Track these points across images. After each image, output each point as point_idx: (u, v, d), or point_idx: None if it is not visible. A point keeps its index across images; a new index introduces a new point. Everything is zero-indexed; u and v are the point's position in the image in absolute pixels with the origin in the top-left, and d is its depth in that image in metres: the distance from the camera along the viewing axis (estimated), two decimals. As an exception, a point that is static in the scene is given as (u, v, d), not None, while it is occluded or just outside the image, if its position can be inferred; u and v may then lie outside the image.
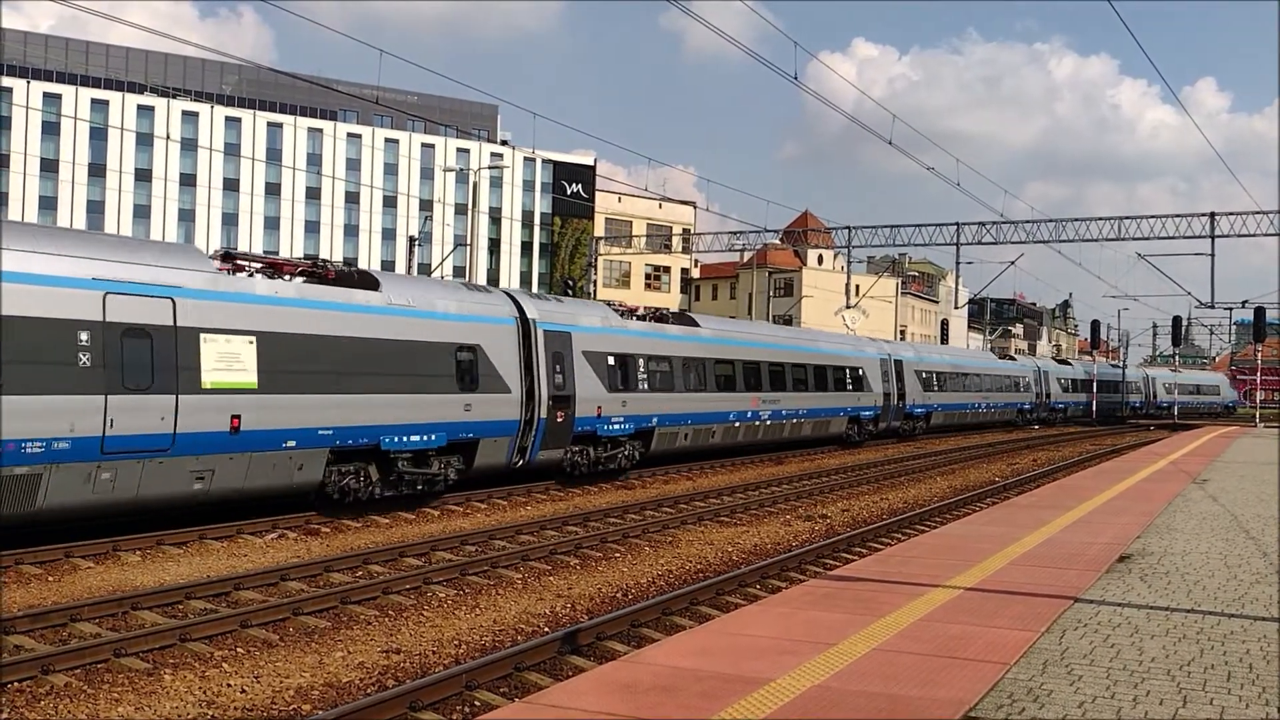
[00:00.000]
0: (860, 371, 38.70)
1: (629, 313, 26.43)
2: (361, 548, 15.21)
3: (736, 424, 29.60)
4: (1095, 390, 70.33)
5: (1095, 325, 69.88)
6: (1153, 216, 43.91)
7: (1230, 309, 69.92)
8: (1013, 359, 63.08)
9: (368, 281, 18.64)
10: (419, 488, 18.83)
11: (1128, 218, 44.32)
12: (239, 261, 16.87)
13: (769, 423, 31.56)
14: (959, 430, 50.77)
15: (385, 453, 18.05)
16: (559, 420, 22.16)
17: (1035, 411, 60.94)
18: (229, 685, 8.80)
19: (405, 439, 18.23)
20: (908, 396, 43.49)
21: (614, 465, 24.16)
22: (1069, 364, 71.53)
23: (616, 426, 24.16)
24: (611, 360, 24.04)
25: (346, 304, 17.52)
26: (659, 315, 28.18)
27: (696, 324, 29.02)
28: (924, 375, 45.21)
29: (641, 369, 25.12)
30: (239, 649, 9.95)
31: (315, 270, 18.06)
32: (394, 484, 18.34)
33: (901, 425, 43.53)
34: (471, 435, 19.81)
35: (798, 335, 37.98)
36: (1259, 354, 70.51)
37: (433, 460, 19.00)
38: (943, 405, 47.48)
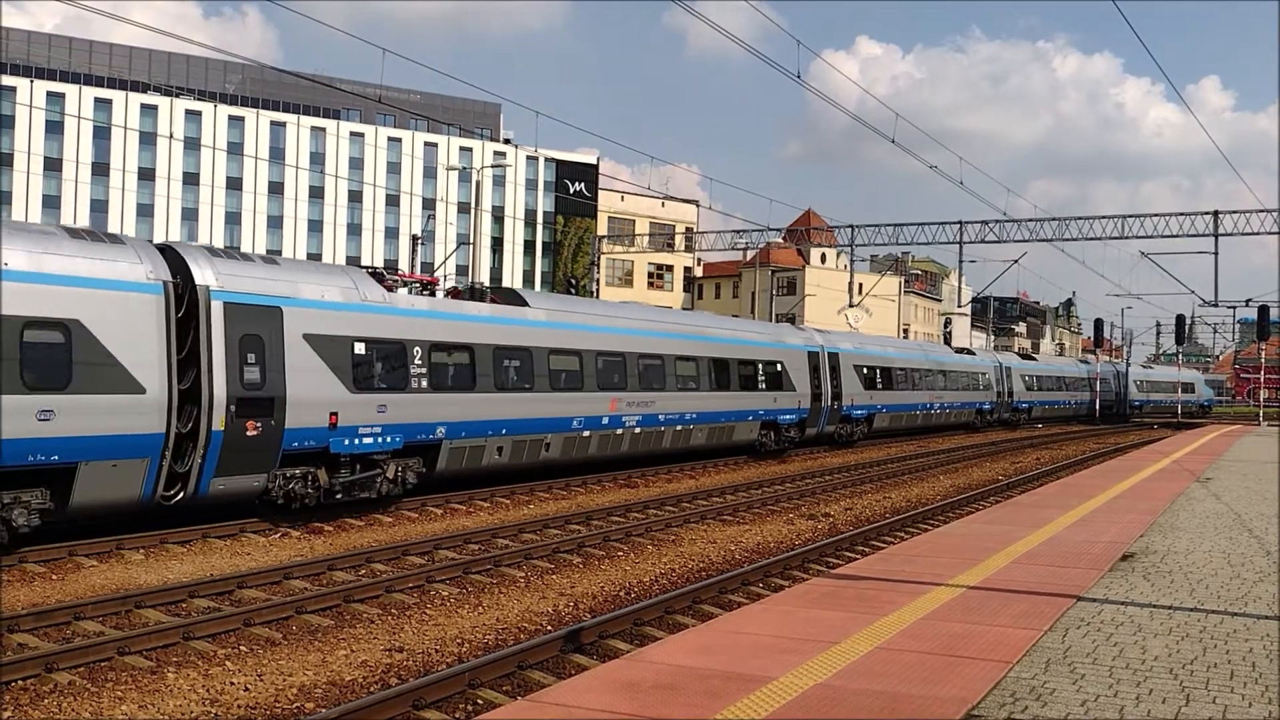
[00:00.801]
0: (779, 366, 32.38)
1: (404, 284, 20.38)
2: (364, 546, 15.22)
3: (585, 433, 23.57)
4: (1066, 388, 66.31)
5: (1099, 324, 69.94)
6: (1156, 215, 43.82)
7: (1234, 307, 69.84)
8: (970, 352, 55.11)
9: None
10: None
11: (1131, 216, 44.26)
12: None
13: (638, 431, 25.34)
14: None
15: None
16: (250, 433, 16.14)
17: (996, 412, 54.38)
18: (232, 683, 8.82)
19: None
20: (845, 396, 37.05)
21: (368, 493, 18.20)
22: (1033, 359, 65.32)
23: (368, 440, 18.10)
24: (360, 349, 18.08)
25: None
26: (458, 291, 22.33)
27: (525, 303, 22.97)
28: (865, 371, 38.86)
29: (417, 360, 19.20)
30: (242, 647, 9.96)
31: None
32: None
33: (837, 430, 37.04)
34: (56, 459, 13.64)
35: (686, 321, 30.84)
36: (1263, 352, 70.43)
37: None
38: (888, 406, 41.05)
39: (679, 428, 27.09)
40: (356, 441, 17.86)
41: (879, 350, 41.95)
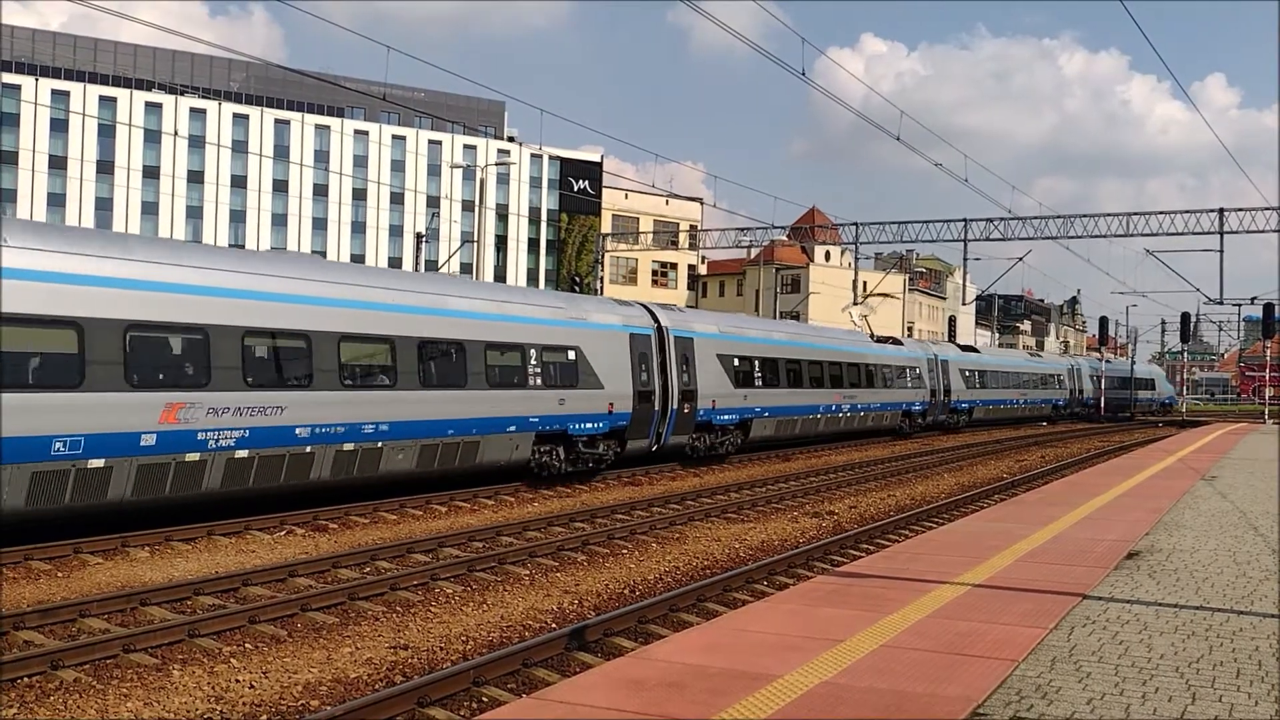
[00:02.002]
0: (570, 354, 23.02)
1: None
2: (369, 544, 15.23)
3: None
4: (1017, 385, 58.45)
5: (1103, 322, 69.76)
6: (1161, 212, 43.77)
7: (1239, 305, 69.84)
8: (897, 342, 45.58)
9: None
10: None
11: (1136, 214, 44.22)
12: None
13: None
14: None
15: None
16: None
17: (930, 413, 45.99)
18: (237, 681, 8.82)
19: None
20: (702, 396, 27.54)
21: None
22: (975, 350, 56.04)
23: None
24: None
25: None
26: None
27: None
28: (736, 363, 29.77)
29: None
30: (247, 645, 9.97)
31: None
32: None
33: (689, 443, 27.49)
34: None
35: (365, 280, 19.18)
36: (1268, 350, 70.25)
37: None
38: (772, 410, 31.67)
39: (305, 449, 16.85)
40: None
41: (758, 337, 32.21)
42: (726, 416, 29.00)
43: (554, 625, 10.88)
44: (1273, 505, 16.28)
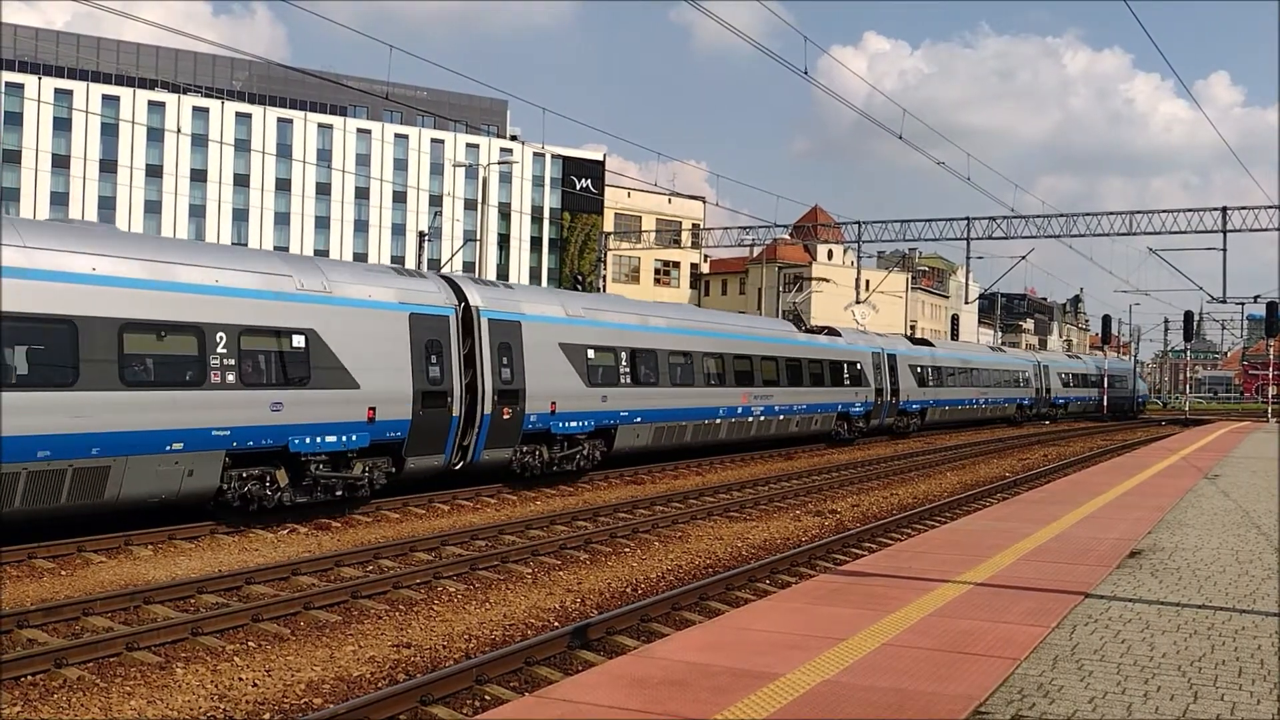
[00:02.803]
0: (299, 341, 16.74)
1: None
2: (372, 542, 15.25)
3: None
4: (979, 384, 51.78)
5: (1106, 320, 69.69)
6: (1165, 211, 43.71)
7: (1242, 304, 69.58)
8: (834, 333, 38.24)
9: None
10: None
11: (1139, 212, 44.15)
12: None
13: None
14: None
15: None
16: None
17: (875, 416, 39.32)
18: (240, 679, 8.84)
19: None
20: (532, 397, 21.42)
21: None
22: (929, 344, 49.05)
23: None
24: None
25: None
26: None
27: None
28: (591, 355, 23.41)
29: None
30: (250, 643, 9.99)
31: None
32: None
33: (519, 458, 21.26)
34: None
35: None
36: (1271, 349, 70.17)
37: None
38: (651, 414, 25.31)
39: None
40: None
41: (628, 323, 25.14)
42: (574, 424, 22.83)
43: (556, 624, 10.89)
44: (1275, 504, 16.27)
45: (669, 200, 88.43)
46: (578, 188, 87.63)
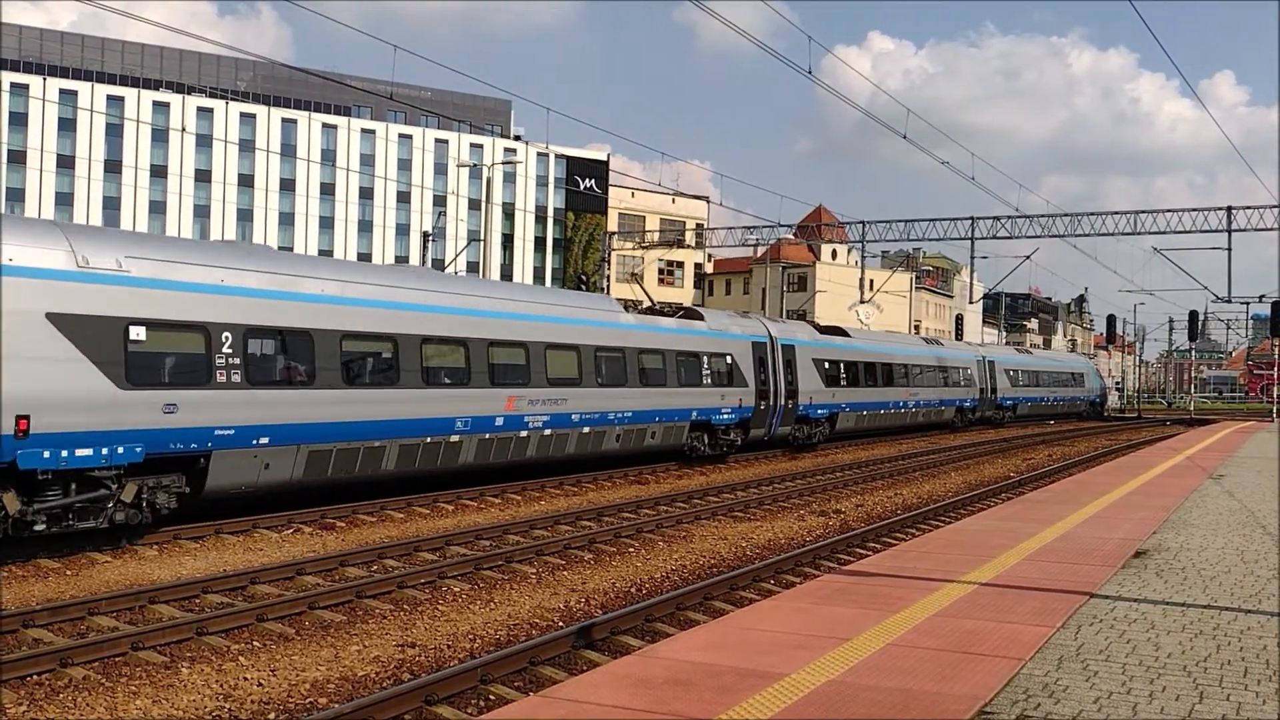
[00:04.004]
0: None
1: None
2: (376, 542, 15.26)
3: None
4: (909, 383, 42.89)
5: (1111, 320, 69.60)
6: (1169, 210, 43.64)
7: (1247, 303, 69.39)
8: (694, 316, 29.51)
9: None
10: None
11: (1144, 212, 44.05)
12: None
13: None
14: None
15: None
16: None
17: (767, 424, 30.96)
18: (245, 678, 8.85)
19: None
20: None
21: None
22: (843, 334, 39.06)
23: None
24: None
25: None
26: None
27: None
28: (348, 349, 17.59)
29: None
30: (255, 642, 10.00)
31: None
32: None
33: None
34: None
35: None
36: (1276, 349, 70.05)
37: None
38: (306, 432, 16.77)
39: None
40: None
41: (433, 304, 19.45)
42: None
43: (561, 624, 10.89)
44: (1278, 503, 16.25)
45: (673, 200, 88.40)
46: (582, 187, 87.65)
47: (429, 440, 19.22)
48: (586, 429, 23.45)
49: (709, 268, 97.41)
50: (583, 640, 9.72)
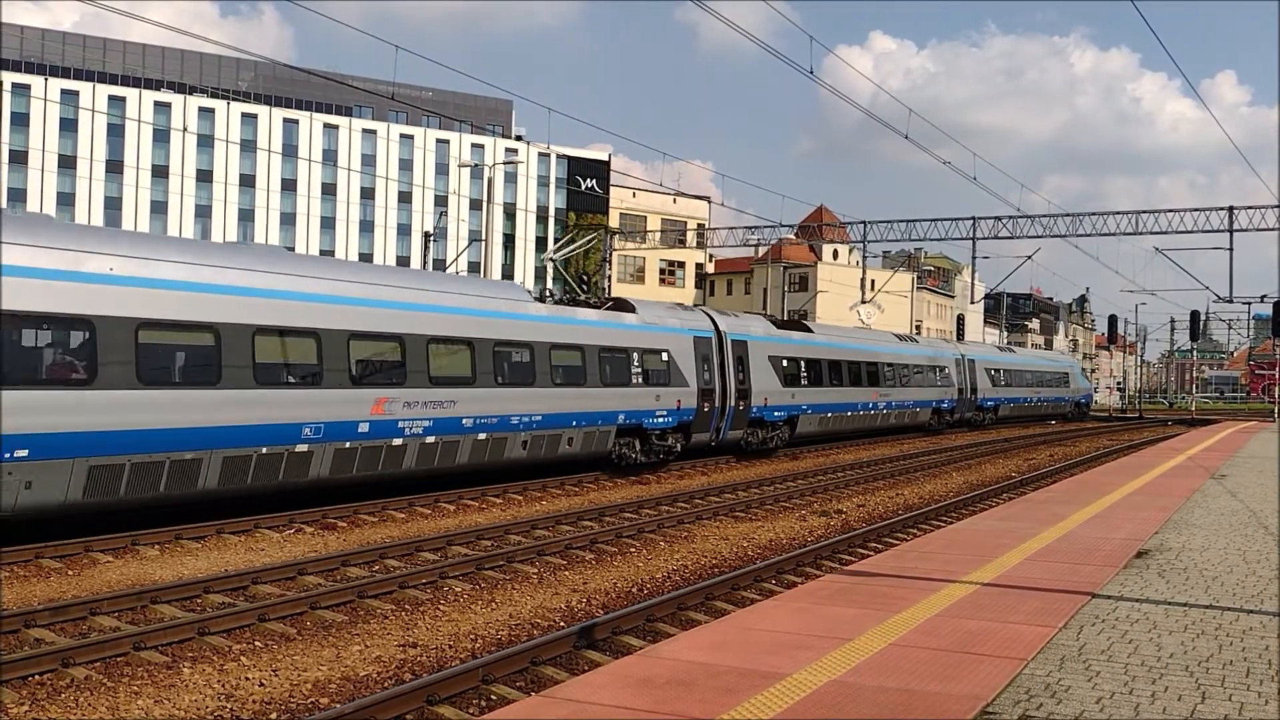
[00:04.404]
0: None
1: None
2: (378, 542, 15.26)
3: None
4: (877, 382, 39.02)
5: (1113, 320, 69.52)
6: (1171, 210, 43.59)
7: (1249, 303, 69.48)
8: (624, 308, 25.96)
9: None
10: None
11: (1146, 212, 43.99)
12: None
13: None
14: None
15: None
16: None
17: (701, 428, 27.21)
18: (247, 678, 8.85)
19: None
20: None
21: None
22: (805, 329, 35.68)
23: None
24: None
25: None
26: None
27: None
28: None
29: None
30: (257, 642, 10.00)
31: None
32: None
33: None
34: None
35: None
36: (1277, 349, 69.98)
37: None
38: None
39: None
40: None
41: (224, 285, 15.88)
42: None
43: (562, 624, 10.89)
44: (1278, 503, 16.23)
45: (674, 200, 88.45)
46: (583, 187, 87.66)
47: (264, 451, 16.17)
48: (482, 435, 20.37)
49: (710, 268, 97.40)
50: (584, 640, 9.72)
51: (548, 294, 24.32)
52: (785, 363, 31.91)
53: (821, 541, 15.74)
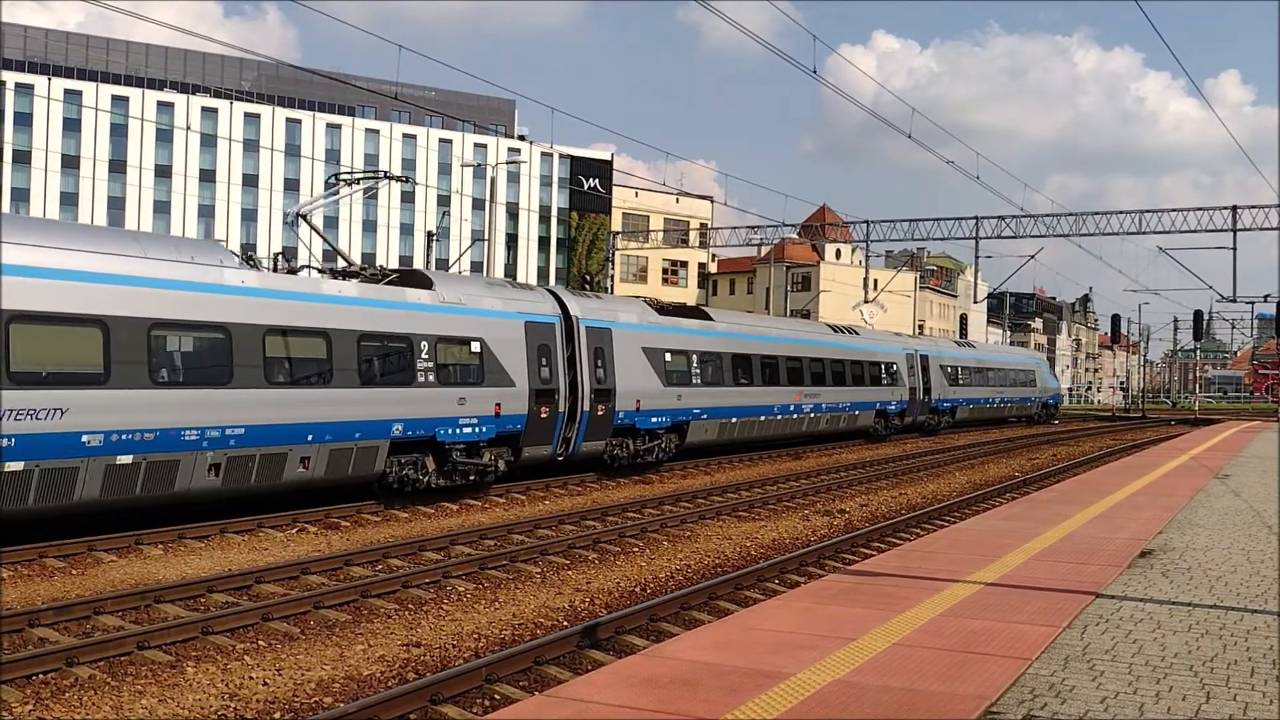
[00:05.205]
0: None
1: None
2: (381, 541, 15.27)
3: None
4: (806, 379, 33.19)
5: (1115, 320, 69.47)
6: (1174, 210, 43.57)
7: (1252, 303, 69.32)
8: (420, 284, 19.51)
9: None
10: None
11: (1149, 211, 43.98)
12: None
13: None
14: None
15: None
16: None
17: (538, 439, 21.27)
18: (251, 678, 8.86)
19: None
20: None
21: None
22: (705, 315, 29.95)
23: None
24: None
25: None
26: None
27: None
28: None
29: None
30: (260, 642, 10.01)
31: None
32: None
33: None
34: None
35: None
36: (1281, 348, 69.87)
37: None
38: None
39: None
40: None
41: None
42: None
43: (566, 623, 10.89)
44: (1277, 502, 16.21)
45: (677, 199, 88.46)
46: (585, 187, 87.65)
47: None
48: (126, 459, 14.06)
49: (713, 267, 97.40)
50: (588, 640, 9.72)
51: (276, 258, 18.53)
52: (669, 357, 25.97)
53: (825, 541, 15.74)
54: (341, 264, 20.30)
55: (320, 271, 19.65)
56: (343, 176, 22.13)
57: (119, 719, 7.93)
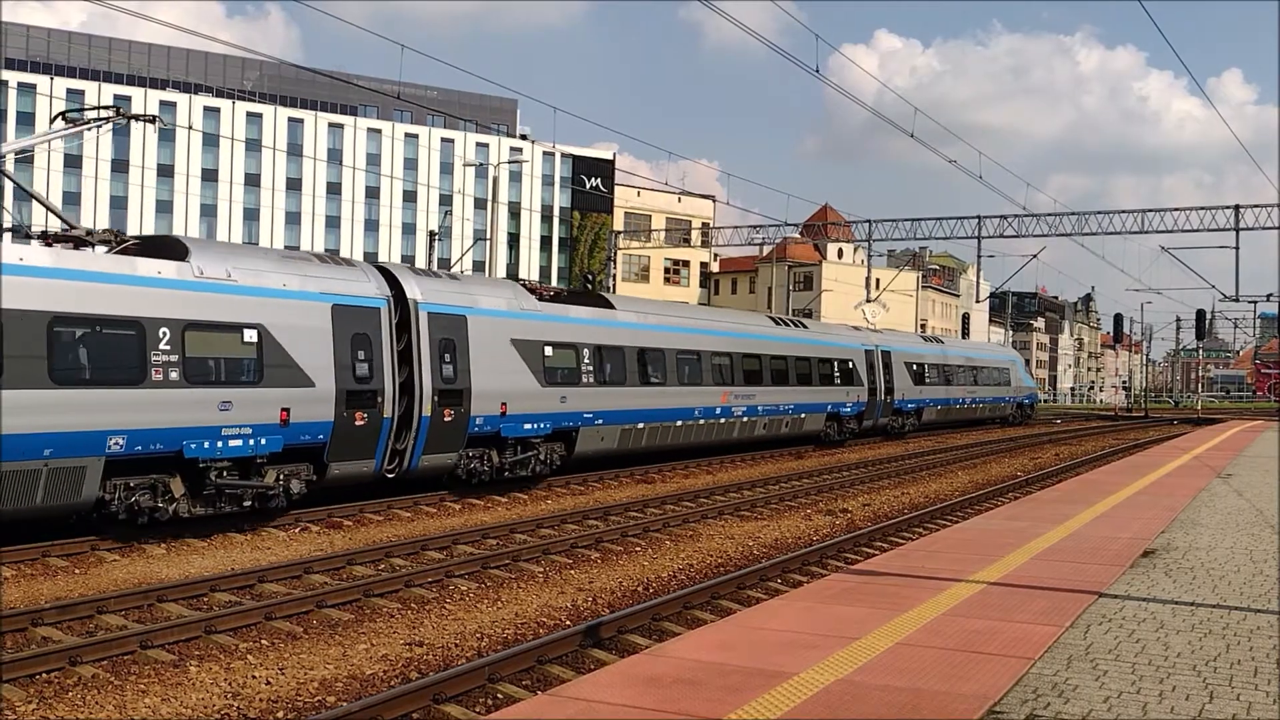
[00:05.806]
0: None
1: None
2: (383, 541, 15.27)
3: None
4: (749, 377, 29.69)
5: (1118, 319, 69.37)
6: (1177, 209, 43.57)
7: (1255, 302, 69.23)
8: (171, 253, 15.14)
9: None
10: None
11: (1151, 210, 43.99)
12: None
13: None
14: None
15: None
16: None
17: (372, 450, 17.39)
18: (254, 677, 8.86)
19: None
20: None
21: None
22: (607, 303, 25.23)
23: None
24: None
25: None
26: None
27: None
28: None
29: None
30: (263, 641, 10.02)
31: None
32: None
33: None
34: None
35: None
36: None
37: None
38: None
39: None
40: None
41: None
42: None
43: (568, 623, 10.90)
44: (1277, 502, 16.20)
45: (679, 199, 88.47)
46: (588, 187, 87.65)
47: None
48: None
49: (715, 267, 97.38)
50: (590, 639, 9.72)
51: None
52: (550, 351, 21.86)
53: (827, 541, 15.74)
54: (60, 228, 15.48)
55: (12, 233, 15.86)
56: (70, 115, 16.91)
57: (122, 718, 7.94)
